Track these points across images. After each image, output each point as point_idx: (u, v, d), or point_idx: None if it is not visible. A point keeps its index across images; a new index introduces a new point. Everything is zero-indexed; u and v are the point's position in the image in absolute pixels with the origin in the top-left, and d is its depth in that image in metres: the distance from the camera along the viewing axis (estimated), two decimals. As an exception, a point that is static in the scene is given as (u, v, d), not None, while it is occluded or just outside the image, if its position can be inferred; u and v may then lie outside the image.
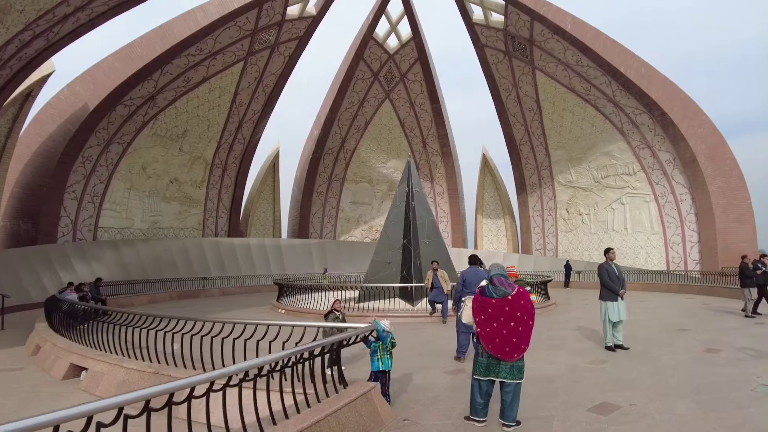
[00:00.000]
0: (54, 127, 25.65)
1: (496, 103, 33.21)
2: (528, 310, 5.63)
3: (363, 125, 36.56)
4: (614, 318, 9.97)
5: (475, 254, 10.19)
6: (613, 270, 10.09)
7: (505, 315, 5.56)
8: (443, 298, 14.82)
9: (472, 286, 9.39)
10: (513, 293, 5.62)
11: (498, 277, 5.83)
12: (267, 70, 29.89)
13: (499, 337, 5.55)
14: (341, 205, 38.50)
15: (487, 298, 5.72)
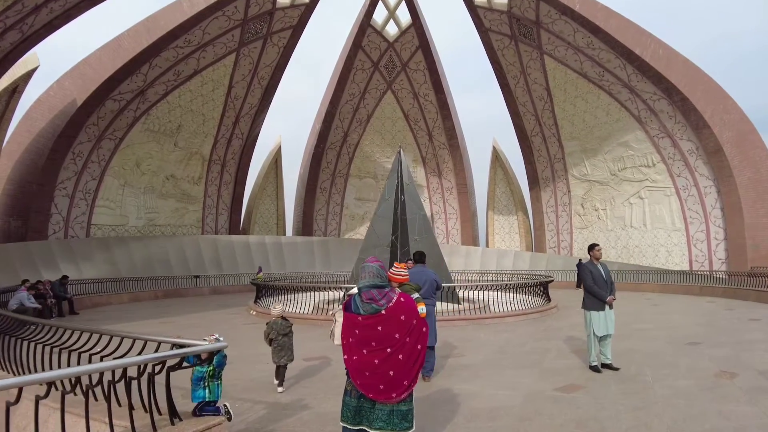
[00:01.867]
0: (44, 123, 24.75)
1: (504, 92, 30.91)
2: (412, 330, 3.89)
3: (365, 118, 34.70)
4: (600, 331, 7.90)
5: (421, 251, 8.28)
6: (599, 271, 8.04)
7: (377, 338, 3.85)
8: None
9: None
10: (388, 306, 3.82)
11: (369, 289, 3.94)
12: (261, 61, 28.35)
13: (369, 369, 3.81)
14: (345, 201, 36.76)
15: (351, 314, 3.92)
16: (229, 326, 14.27)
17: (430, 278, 7.77)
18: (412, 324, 3.93)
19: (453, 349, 10.03)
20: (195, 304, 20.69)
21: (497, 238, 38.13)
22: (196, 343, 4.61)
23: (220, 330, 8.92)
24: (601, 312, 7.88)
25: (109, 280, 23.03)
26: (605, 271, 8.03)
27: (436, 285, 7.89)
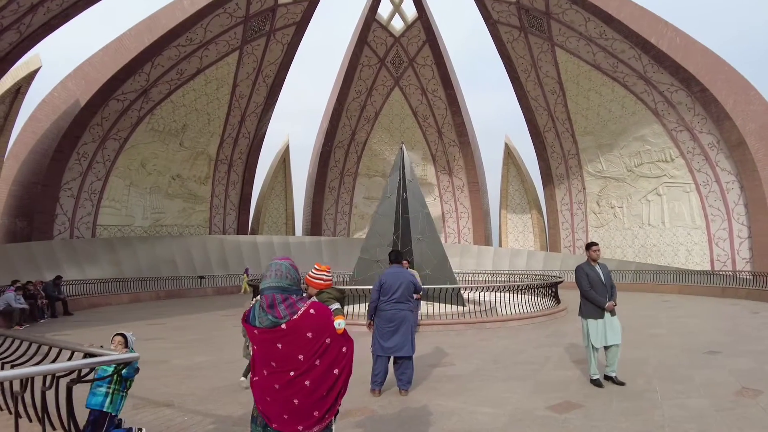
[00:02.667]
0: (48, 124, 24.54)
1: (515, 86, 29.72)
2: (324, 352, 3.03)
3: (373, 115, 33.79)
4: (598, 343, 6.86)
5: (397, 250, 7.40)
6: (596, 274, 7.01)
7: (276, 357, 2.99)
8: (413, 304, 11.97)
9: (390, 292, 6.75)
10: (291, 319, 2.92)
11: (271, 293, 3.02)
12: (265, 59, 27.67)
13: (270, 394, 3.01)
14: (354, 201, 35.91)
15: (248, 325, 3.05)
16: (216, 328, 13.52)
17: (407, 280, 6.87)
18: (324, 343, 3.02)
19: (443, 357, 9.09)
20: (194, 305, 20.15)
21: (511, 237, 36.89)
22: (103, 352, 4.03)
23: (207, 332, 8.24)
24: (599, 320, 6.86)
25: (109, 280, 22.59)
26: (604, 273, 7.01)
27: (414, 287, 6.97)
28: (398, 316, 6.73)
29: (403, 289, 6.78)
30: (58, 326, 14.19)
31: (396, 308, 6.74)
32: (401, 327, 6.75)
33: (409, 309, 6.89)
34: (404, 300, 6.79)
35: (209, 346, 11.01)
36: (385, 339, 6.73)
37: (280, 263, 3.16)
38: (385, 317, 6.75)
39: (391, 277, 6.83)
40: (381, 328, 6.77)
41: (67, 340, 5.32)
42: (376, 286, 6.87)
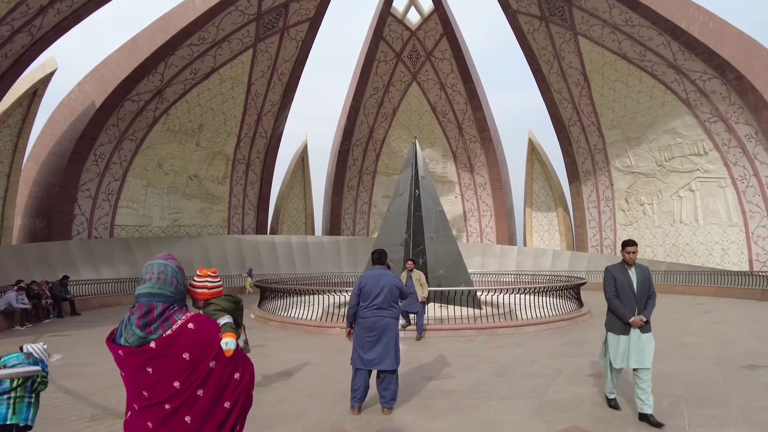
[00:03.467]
0: (66, 126, 24.56)
1: (537, 79, 28.37)
2: (207, 378, 2.35)
3: (390, 112, 32.84)
4: (617, 362, 5.53)
5: (381, 249, 6.48)
6: (627, 279, 5.56)
7: (148, 385, 2.33)
8: (419, 307, 11.11)
9: (370, 297, 5.88)
10: (164, 335, 2.30)
11: (149, 301, 2.38)
12: (280, 57, 27.07)
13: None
14: (374, 199, 35.06)
15: (113, 345, 2.37)
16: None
17: (390, 283, 5.98)
18: (207, 368, 2.27)
19: (443, 368, 8.14)
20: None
21: (536, 236, 35.45)
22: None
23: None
24: (622, 336, 5.50)
25: (122, 279, 22.35)
26: (640, 280, 5.53)
27: (399, 292, 6.07)
28: (379, 325, 5.86)
29: (386, 294, 5.91)
30: (60, 326, 13.83)
31: (377, 315, 5.87)
32: (383, 337, 5.87)
33: (393, 316, 6.00)
34: (386, 306, 5.92)
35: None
36: (365, 350, 5.87)
37: (165, 264, 2.45)
38: (364, 325, 5.89)
39: (372, 280, 5.96)
40: (361, 338, 5.92)
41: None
42: (356, 289, 6.02)
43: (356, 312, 5.98)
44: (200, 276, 3.21)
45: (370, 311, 5.88)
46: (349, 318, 6.08)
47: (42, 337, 11.85)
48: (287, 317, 13.70)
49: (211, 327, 2.41)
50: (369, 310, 5.89)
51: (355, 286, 6.08)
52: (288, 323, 13.17)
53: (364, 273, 6.35)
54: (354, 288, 6.08)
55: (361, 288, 5.97)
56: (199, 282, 3.18)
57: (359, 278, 6.18)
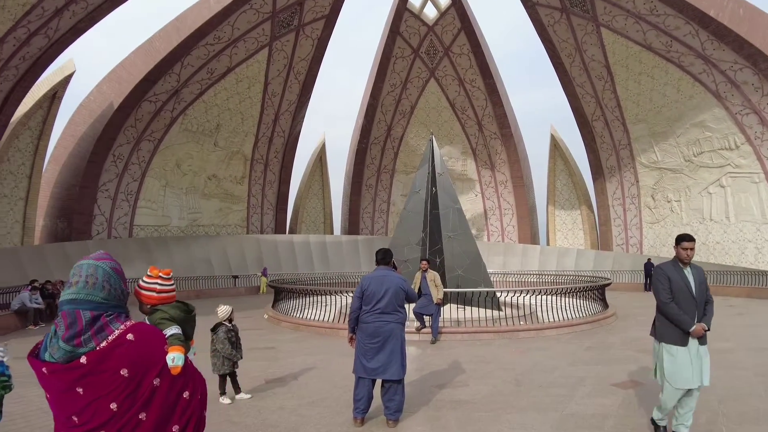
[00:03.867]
0: (85, 127, 24.76)
1: (558, 73, 27.51)
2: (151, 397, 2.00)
3: (408, 109, 32.29)
4: (679, 382, 4.51)
5: (386, 248, 6.00)
6: (683, 280, 4.62)
7: (79, 408, 1.95)
8: (434, 309, 10.61)
9: (373, 301, 5.54)
10: (98, 348, 1.93)
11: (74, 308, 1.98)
12: (296, 55, 26.81)
13: None
14: (392, 198, 34.58)
15: (35, 361, 1.99)
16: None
17: (395, 285, 5.51)
18: (150, 386, 1.95)
19: (457, 374, 7.65)
20: (217, 306, 19.43)
21: (559, 235, 34.52)
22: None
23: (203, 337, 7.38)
24: (681, 348, 4.54)
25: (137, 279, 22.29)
26: (697, 282, 4.64)
27: (404, 295, 5.60)
28: (383, 331, 5.40)
29: (390, 297, 5.45)
30: None
31: (381, 320, 5.42)
32: (387, 343, 5.41)
33: (398, 321, 5.53)
34: (391, 310, 5.46)
35: (205, 353, 10.05)
36: (367, 358, 5.42)
37: (95, 265, 2.06)
38: (367, 331, 5.44)
39: (375, 281, 5.51)
40: (363, 345, 5.47)
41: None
42: (357, 292, 5.57)
43: (358, 316, 5.53)
44: (150, 276, 2.81)
45: (373, 316, 5.43)
46: (351, 323, 5.63)
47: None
48: (299, 318, 13.35)
49: (154, 338, 2.06)
50: (372, 315, 5.44)
51: (357, 289, 5.62)
52: (300, 324, 12.82)
53: (368, 274, 5.87)
54: (356, 290, 5.62)
55: (363, 290, 5.51)
56: (147, 284, 2.80)
57: (361, 280, 5.70)
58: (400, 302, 5.54)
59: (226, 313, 6.72)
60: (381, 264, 5.76)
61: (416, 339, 10.79)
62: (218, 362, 6.48)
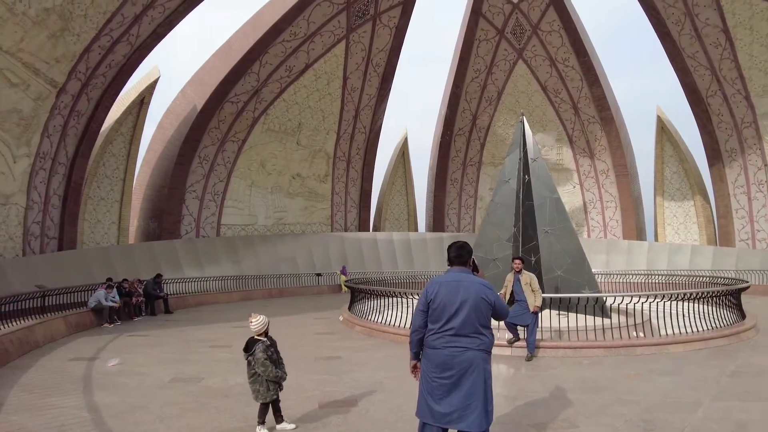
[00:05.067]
0: (172, 131, 25.29)
1: (665, 44, 23.85)
2: None
3: (495, 96, 29.79)
4: None
5: (462, 242, 4.09)
6: None
7: None
8: (530, 319, 8.70)
9: (444, 317, 3.75)
10: None
11: None
12: (373, 46, 25.55)
13: None
14: (479, 193, 32.32)
15: None
16: (295, 335, 11.36)
17: (474, 296, 3.71)
18: None
19: (562, 409, 5.77)
20: (297, 305, 18.97)
21: (668, 229, 30.51)
22: None
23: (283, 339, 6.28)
24: None
25: (225, 277, 22.34)
26: None
27: (491, 308, 3.81)
28: (458, 362, 3.64)
29: (468, 313, 3.66)
30: (145, 325, 13.45)
31: (454, 346, 3.65)
32: (464, 380, 3.63)
33: (480, 348, 3.71)
34: (469, 332, 3.67)
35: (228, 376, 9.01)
36: (435, 398, 3.68)
37: None
38: (435, 360, 3.70)
39: (447, 289, 3.73)
40: (430, 379, 3.72)
41: None
42: (421, 303, 3.84)
43: (423, 338, 3.83)
44: None
45: (444, 339, 3.67)
46: (413, 345, 3.89)
47: (120, 337, 11.29)
48: (373, 322, 11.93)
49: None
50: (441, 338, 3.68)
51: (420, 298, 3.90)
52: (374, 330, 11.42)
53: (435, 277, 4.04)
54: (419, 300, 3.91)
55: (428, 301, 3.76)
56: None
57: (426, 286, 3.92)
58: (484, 320, 3.73)
59: (262, 325, 5.31)
60: (455, 264, 3.93)
61: (507, 354, 8.95)
62: (262, 389, 5.07)
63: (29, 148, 16.74)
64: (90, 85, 18.16)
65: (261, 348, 5.10)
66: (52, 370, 8.03)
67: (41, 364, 8.39)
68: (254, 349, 5.10)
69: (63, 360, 8.71)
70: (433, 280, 3.91)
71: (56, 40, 15.86)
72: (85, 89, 18.04)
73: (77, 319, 12.08)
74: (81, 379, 7.33)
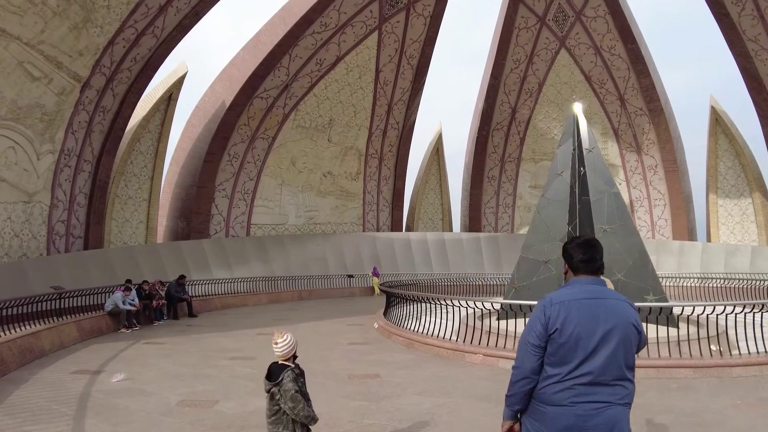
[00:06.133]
0: (201, 128, 24.61)
1: (722, 26, 21.68)
2: None
3: (536, 88, 27.98)
4: None
5: (591, 240, 2.58)
6: None
7: None
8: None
9: (577, 357, 2.32)
10: None
11: None
12: (407, 37, 24.21)
13: None
14: (518, 191, 30.55)
15: None
16: (327, 346, 10.12)
17: (621, 321, 2.34)
18: None
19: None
20: (327, 309, 17.77)
21: (723, 229, 28.20)
22: None
23: (312, 352, 5.03)
24: None
25: (251, 279, 21.34)
26: None
27: (638, 341, 2.39)
28: (594, 426, 2.25)
29: (615, 349, 2.31)
30: (165, 331, 12.43)
31: (589, 401, 2.26)
32: None
33: (627, 402, 2.32)
34: (612, 378, 2.30)
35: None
36: None
37: None
38: (557, 423, 2.30)
39: (580, 313, 2.34)
40: None
41: None
42: (533, 332, 2.40)
43: (533, 389, 2.41)
44: None
45: (573, 391, 2.28)
46: (516, 399, 2.44)
47: (136, 344, 10.27)
48: (414, 332, 10.54)
49: None
50: (571, 389, 2.29)
51: (531, 321, 2.46)
52: (415, 341, 10.04)
53: (553, 293, 2.52)
54: (528, 328, 2.46)
55: (548, 330, 2.36)
56: None
57: (542, 304, 2.46)
58: (631, 359, 2.36)
59: (290, 348, 3.91)
60: (582, 272, 2.52)
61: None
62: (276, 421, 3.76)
63: (53, 145, 16.10)
64: (115, 80, 17.44)
65: (290, 377, 3.69)
66: (50, 385, 7.01)
67: (40, 378, 7.39)
68: (281, 378, 3.71)
69: (65, 372, 7.70)
70: (550, 298, 2.45)
71: (78, 32, 15.13)
72: (110, 84, 17.33)
73: (92, 323, 11.15)
74: (77, 399, 6.25)
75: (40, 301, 10.21)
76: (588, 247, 2.55)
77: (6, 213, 14.38)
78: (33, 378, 7.33)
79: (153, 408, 5.92)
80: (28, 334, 8.56)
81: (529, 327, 2.45)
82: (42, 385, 6.96)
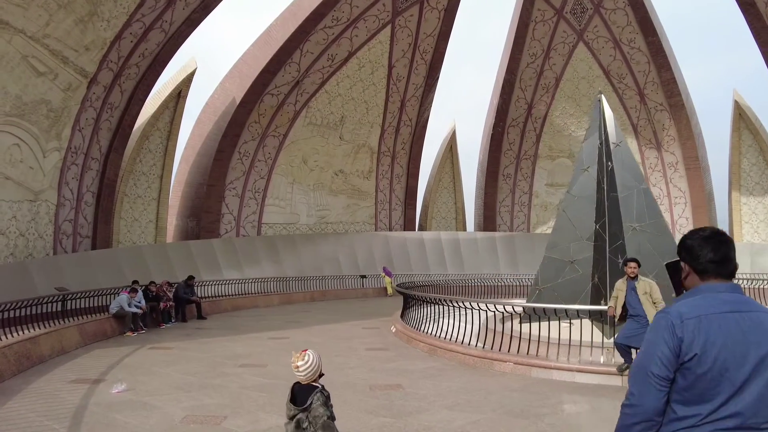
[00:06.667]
0: (211, 126, 24.07)
1: (748, 17, 20.71)
2: None
3: (552, 83, 27.13)
4: None
5: (723, 235, 1.87)
6: None
7: None
8: (646, 339, 6.38)
9: (723, 392, 1.66)
10: None
11: None
12: (421, 31, 23.51)
13: None
14: (535, 189, 29.69)
15: None
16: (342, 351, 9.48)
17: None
18: None
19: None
20: (340, 310, 17.21)
21: (747, 228, 27.19)
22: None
23: (328, 358, 4.29)
24: None
25: (266, 279, 20.85)
26: None
27: None
28: None
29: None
30: (172, 334, 11.86)
31: None
32: None
33: None
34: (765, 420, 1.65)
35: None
36: None
37: None
38: None
39: (724, 330, 1.67)
40: None
41: None
42: (656, 354, 1.72)
43: (653, 404, 1.72)
44: None
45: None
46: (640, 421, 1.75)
47: (141, 350, 9.69)
48: (437, 338, 9.82)
49: None
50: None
51: (651, 342, 1.78)
52: (437, 347, 9.35)
53: (679, 304, 1.80)
54: (648, 347, 1.78)
55: (682, 356, 1.69)
56: None
57: (670, 321, 1.74)
58: None
59: (315, 369, 3.25)
60: (712, 274, 1.85)
61: (617, 384, 6.76)
62: None
63: (59, 142, 15.62)
64: (123, 76, 16.95)
65: (320, 400, 3.02)
66: (44, 396, 6.44)
67: (34, 388, 6.81)
68: (310, 402, 3.04)
69: (62, 382, 7.13)
70: (679, 312, 1.76)
71: (84, 26, 14.63)
72: (117, 80, 16.84)
73: (95, 327, 10.61)
74: (71, 414, 5.65)
75: (42, 303, 9.71)
76: (719, 242, 1.87)
77: (11, 212, 13.93)
78: (27, 388, 6.76)
79: (154, 425, 5.32)
80: (25, 339, 8.02)
81: (649, 351, 1.77)
82: (36, 397, 6.40)
